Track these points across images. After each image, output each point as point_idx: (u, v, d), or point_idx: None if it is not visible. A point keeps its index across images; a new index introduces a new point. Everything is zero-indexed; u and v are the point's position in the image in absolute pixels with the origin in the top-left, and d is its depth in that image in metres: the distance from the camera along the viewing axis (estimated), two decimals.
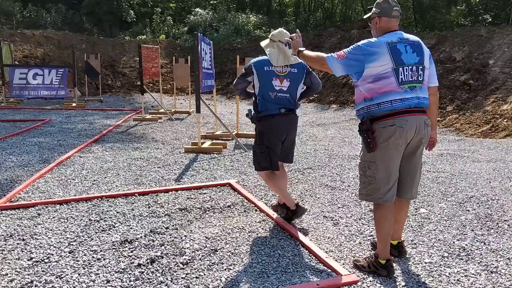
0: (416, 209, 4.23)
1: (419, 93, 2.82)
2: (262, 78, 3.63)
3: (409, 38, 2.90)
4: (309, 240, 3.42)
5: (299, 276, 2.91)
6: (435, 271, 2.99)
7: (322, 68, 3.09)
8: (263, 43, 3.80)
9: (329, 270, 2.98)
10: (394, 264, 2.96)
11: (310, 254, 3.21)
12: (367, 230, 3.70)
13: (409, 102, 2.77)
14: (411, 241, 3.48)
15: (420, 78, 2.83)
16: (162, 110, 11.16)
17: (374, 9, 2.98)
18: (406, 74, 2.77)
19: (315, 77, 3.83)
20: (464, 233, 3.67)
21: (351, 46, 2.89)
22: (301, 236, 3.47)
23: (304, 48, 3.25)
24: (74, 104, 12.21)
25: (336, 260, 3.10)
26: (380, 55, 2.75)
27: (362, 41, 2.86)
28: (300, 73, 3.70)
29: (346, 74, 3.02)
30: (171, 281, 2.82)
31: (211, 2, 26.30)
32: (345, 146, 7.53)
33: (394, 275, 2.90)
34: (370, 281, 2.84)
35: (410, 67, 2.78)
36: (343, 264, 3.07)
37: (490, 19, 16.44)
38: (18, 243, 3.33)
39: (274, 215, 3.95)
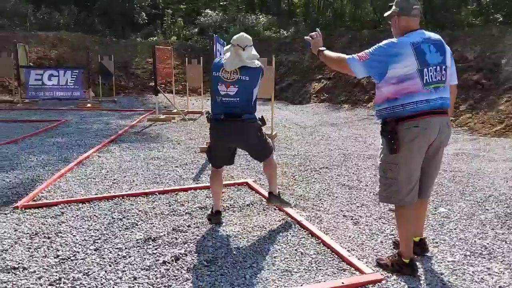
0: (435, 208, 4.24)
1: (442, 93, 2.82)
2: (212, 81, 3.65)
3: (431, 36, 2.88)
4: (330, 239, 3.45)
5: (322, 274, 2.94)
6: (459, 269, 3.00)
7: (342, 69, 3.03)
8: (225, 48, 3.74)
9: (353, 269, 3.00)
10: (417, 263, 2.98)
11: (332, 253, 3.24)
12: (387, 229, 3.71)
13: (434, 103, 2.76)
14: (432, 240, 3.49)
15: (444, 78, 2.83)
16: (175, 111, 11.24)
17: (393, 7, 2.94)
18: (431, 75, 2.76)
19: None
20: (484, 232, 3.67)
21: (373, 47, 2.87)
22: (322, 235, 3.50)
23: (324, 48, 3.15)
24: (89, 105, 12.33)
25: (358, 259, 3.13)
26: (405, 56, 2.74)
27: (384, 42, 2.84)
28: (252, 80, 3.54)
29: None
30: (197, 278, 2.87)
31: (221, 3, 26.37)
32: (359, 145, 7.54)
33: (418, 274, 2.92)
34: (394, 280, 2.86)
35: (434, 67, 2.77)
36: (366, 263, 3.09)
37: (501, 19, 16.29)
38: (44, 241, 3.40)
39: (294, 214, 3.97)
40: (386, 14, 3.05)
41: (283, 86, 15.51)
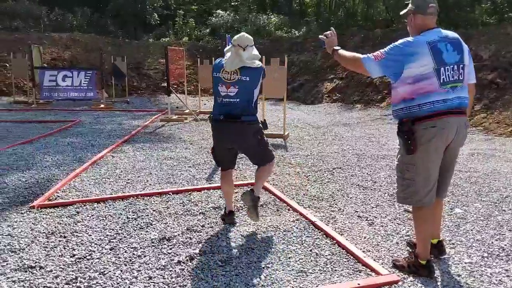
0: (451, 209, 4.19)
1: (460, 92, 2.78)
2: (213, 82, 3.61)
3: (448, 35, 2.84)
4: (345, 240, 3.42)
5: (338, 275, 2.92)
6: (476, 271, 2.97)
7: (357, 69, 2.99)
8: (226, 48, 3.68)
9: (368, 270, 2.98)
10: (433, 264, 2.95)
11: (348, 254, 3.22)
12: (403, 230, 3.68)
13: (451, 103, 2.72)
14: (449, 241, 3.45)
15: (461, 77, 2.79)
16: (187, 111, 11.27)
17: (409, 5, 2.91)
18: (448, 74, 2.72)
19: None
20: (502, 233, 3.62)
21: (389, 46, 2.84)
22: (337, 236, 3.48)
23: (339, 47, 3.11)
24: (102, 106, 12.44)
25: (374, 260, 3.10)
26: (421, 55, 2.71)
27: (400, 41, 2.81)
28: (253, 80, 3.48)
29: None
30: (212, 278, 2.88)
31: (232, 3, 26.41)
32: (373, 145, 7.49)
33: (435, 275, 2.88)
34: (411, 281, 2.83)
35: (451, 66, 2.74)
36: (382, 264, 3.06)
37: None
38: (60, 240, 3.43)
39: (308, 214, 3.96)
40: (402, 12, 3.01)
41: (295, 86, 15.47)
